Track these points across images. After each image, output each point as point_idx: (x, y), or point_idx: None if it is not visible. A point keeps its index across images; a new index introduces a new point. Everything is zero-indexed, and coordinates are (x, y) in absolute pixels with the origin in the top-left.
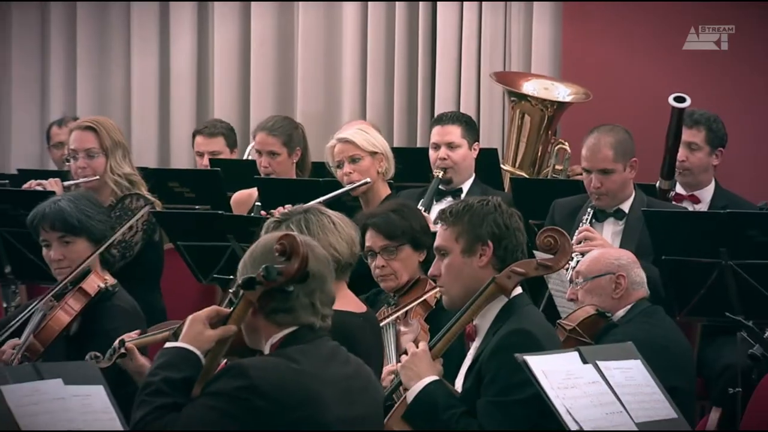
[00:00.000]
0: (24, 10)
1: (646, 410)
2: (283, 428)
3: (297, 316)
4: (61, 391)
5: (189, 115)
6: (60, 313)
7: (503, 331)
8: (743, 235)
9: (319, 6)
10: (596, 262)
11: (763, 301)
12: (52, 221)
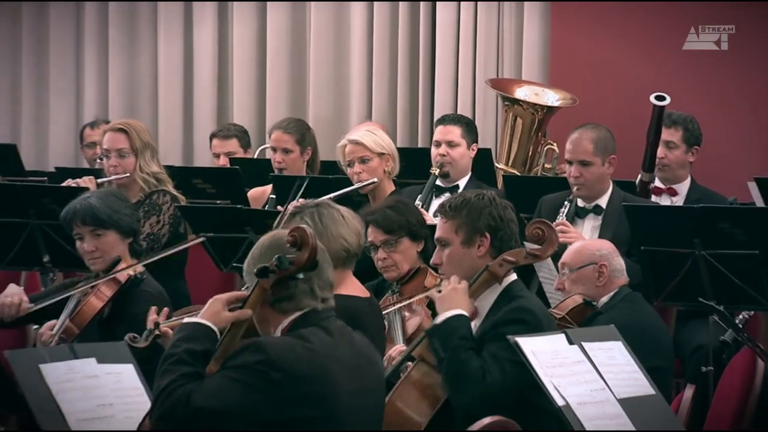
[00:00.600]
0: (60, 22)
1: (627, 387)
2: (297, 400)
3: (299, 302)
4: (95, 369)
5: (210, 118)
6: (93, 298)
7: (510, 310)
8: (715, 227)
9: (329, 19)
10: (580, 254)
11: (733, 288)
12: (83, 216)
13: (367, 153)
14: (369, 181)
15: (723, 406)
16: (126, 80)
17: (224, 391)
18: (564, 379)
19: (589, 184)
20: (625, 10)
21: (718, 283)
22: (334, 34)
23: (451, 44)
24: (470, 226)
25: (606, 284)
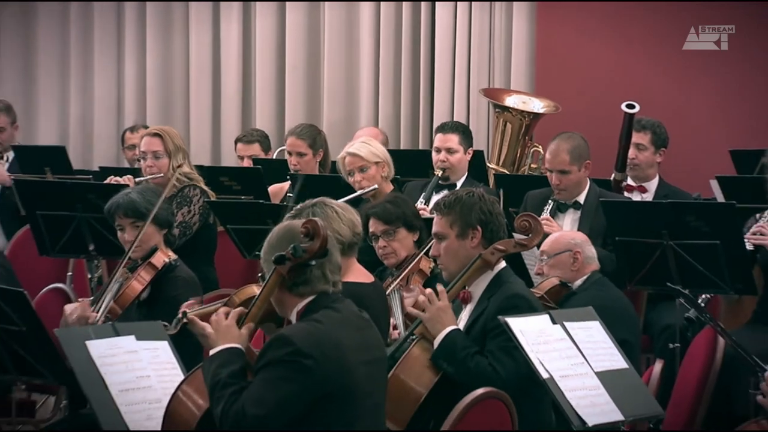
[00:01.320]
0: (104, 37)
1: (603, 362)
2: (325, 377)
3: (313, 286)
4: (134, 345)
5: (236, 124)
6: (134, 283)
7: (501, 295)
8: (681, 220)
9: (341, 36)
10: (557, 242)
11: (697, 274)
12: (125, 210)
13: (364, 163)
14: (370, 188)
15: (688, 377)
16: (161, 89)
17: (268, 392)
18: (548, 355)
19: (568, 188)
20: (618, 10)
21: (683, 270)
22: (346, 49)
23: (448, 59)
24: (463, 220)
25: (579, 269)
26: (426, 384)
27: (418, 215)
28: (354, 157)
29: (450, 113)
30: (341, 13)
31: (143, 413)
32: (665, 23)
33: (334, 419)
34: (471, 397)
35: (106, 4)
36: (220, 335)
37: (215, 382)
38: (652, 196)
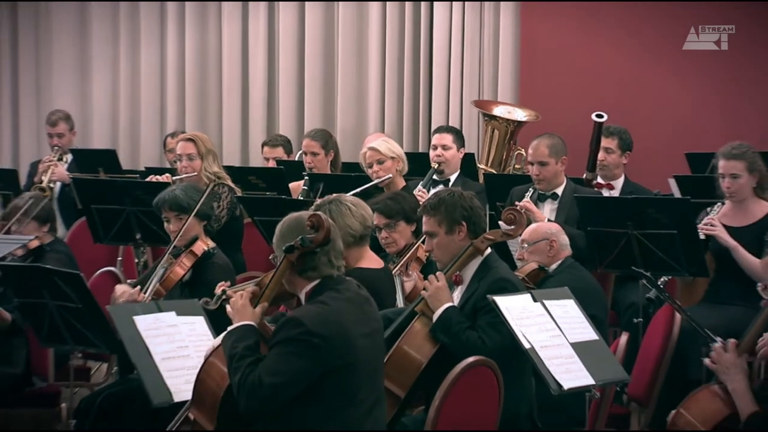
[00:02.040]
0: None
1: (577, 334)
2: (331, 353)
3: (320, 271)
4: (175, 320)
5: (261, 130)
6: (177, 268)
7: (490, 278)
8: (644, 213)
9: (353, 56)
10: (535, 232)
11: (657, 259)
12: (170, 204)
13: (381, 156)
14: (385, 177)
15: (649, 347)
16: (198, 100)
17: (282, 365)
18: (529, 328)
19: (546, 179)
20: (596, 10)
21: (646, 255)
22: (356, 66)
23: (444, 76)
24: (449, 218)
25: (555, 255)
26: (426, 354)
27: (416, 209)
28: (373, 151)
29: (446, 120)
30: (353, 36)
31: (182, 378)
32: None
33: (338, 386)
34: (463, 364)
35: (152, 23)
36: (236, 313)
37: (232, 355)
38: (618, 192)
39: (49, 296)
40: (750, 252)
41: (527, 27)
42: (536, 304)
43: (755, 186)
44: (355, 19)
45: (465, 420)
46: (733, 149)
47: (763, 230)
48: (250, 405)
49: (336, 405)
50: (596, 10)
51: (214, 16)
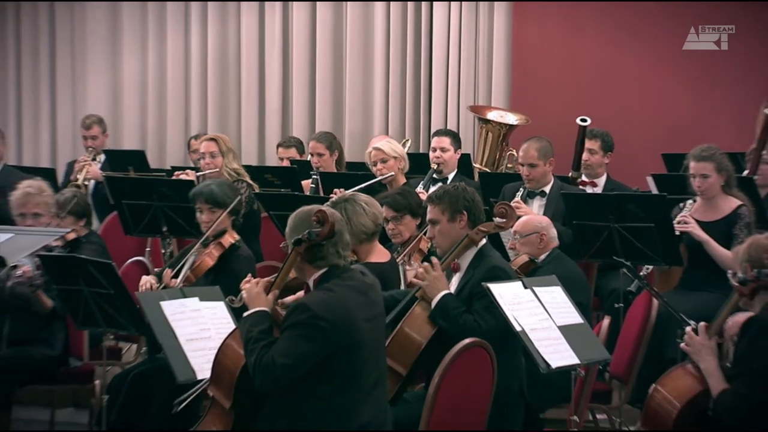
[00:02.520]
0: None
1: (563, 318)
2: (337, 335)
3: (328, 260)
4: (198, 305)
5: (277, 133)
6: (206, 258)
7: (485, 267)
8: (624, 208)
9: (360, 66)
10: (527, 225)
11: (636, 250)
12: (205, 197)
13: (385, 155)
14: (388, 174)
15: (629, 330)
16: (219, 106)
17: (293, 347)
18: (520, 312)
19: (535, 179)
20: (580, 11)
21: (626, 246)
22: (363, 75)
23: (442, 83)
24: (452, 208)
25: (544, 247)
26: (425, 335)
27: (420, 204)
28: (378, 151)
29: (444, 124)
30: (360, 47)
31: (204, 357)
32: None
33: (343, 365)
34: (460, 345)
35: (178, 31)
36: (251, 301)
37: (248, 338)
38: (601, 189)
39: (84, 283)
40: (720, 243)
41: (518, 32)
42: (527, 290)
43: (723, 184)
44: (361, 31)
45: (462, 395)
46: (702, 151)
47: (731, 224)
48: (264, 383)
49: (341, 383)
50: (583, 20)
51: (233, 20)
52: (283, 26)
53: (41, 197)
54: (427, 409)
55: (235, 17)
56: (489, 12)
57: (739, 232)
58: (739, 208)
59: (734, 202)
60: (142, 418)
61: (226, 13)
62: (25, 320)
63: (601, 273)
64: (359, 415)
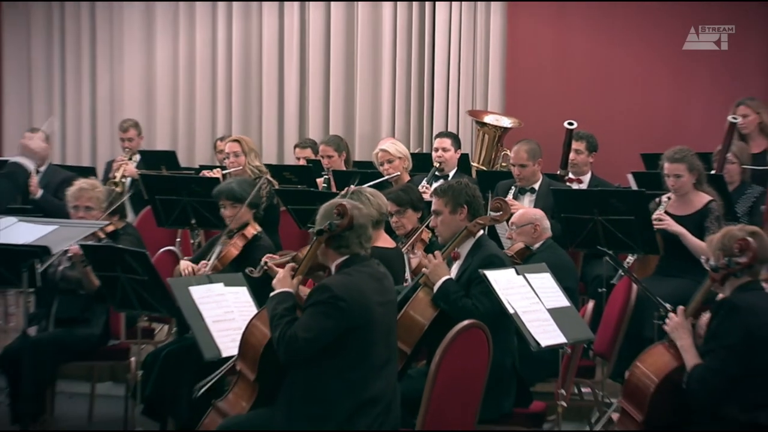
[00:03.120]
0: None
1: (552, 301)
2: (353, 314)
3: (350, 248)
4: (223, 290)
5: (294, 135)
6: (231, 248)
7: (482, 254)
8: (607, 202)
9: (370, 74)
10: (523, 217)
11: (617, 240)
12: (226, 194)
13: (391, 156)
14: (394, 174)
15: (611, 312)
16: (243, 110)
17: (314, 323)
18: (513, 297)
19: (525, 177)
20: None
21: (608, 237)
22: (372, 83)
23: (443, 90)
24: (454, 201)
25: (538, 237)
26: (428, 317)
27: (421, 200)
28: (384, 152)
29: (445, 127)
30: (370, 56)
31: (229, 337)
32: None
33: (357, 342)
34: (460, 326)
35: (206, 49)
36: (278, 283)
37: (274, 315)
38: (586, 185)
39: (121, 270)
40: (693, 235)
41: (512, 42)
42: (519, 276)
43: (695, 182)
44: (370, 42)
45: (460, 371)
46: (675, 153)
47: (702, 218)
48: (287, 354)
49: (354, 358)
50: (573, 30)
51: (256, 22)
52: (301, 28)
53: (93, 192)
54: (429, 383)
55: (257, 19)
56: (485, 21)
57: (710, 225)
58: (710, 203)
59: (705, 198)
60: (173, 392)
61: (249, 14)
62: (70, 302)
63: (586, 261)
64: (370, 388)
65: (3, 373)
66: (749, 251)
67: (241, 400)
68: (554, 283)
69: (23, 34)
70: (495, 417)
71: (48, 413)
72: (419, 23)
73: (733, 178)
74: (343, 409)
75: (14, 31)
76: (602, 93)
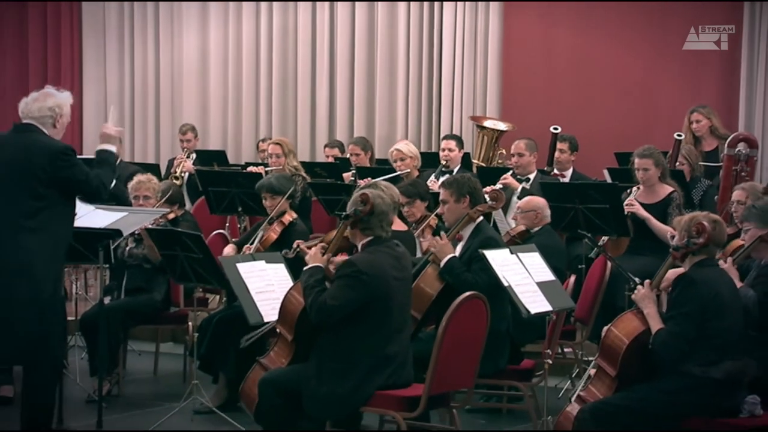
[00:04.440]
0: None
1: (540, 276)
2: (374, 287)
3: (373, 230)
4: (264, 266)
5: (325, 136)
6: (271, 233)
7: (481, 237)
8: (586, 193)
9: (386, 85)
10: (528, 204)
11: (595, 225)
12: (267, 188)
13: (403, 155)
14: (405, 170)
15: (590, 285)
16: (281, 114)
17: (340, 292)
18: (508, 272)
19: (522, 166)
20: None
21: (587, 222)
22: (389, 92)
23: (448, 96)
24: (458, 192)
25: (538, 222)
26: (436, 289)
27: (428, 192)
28: (398, 151)
29: (450, 130)
30: (387, 69)
31: (270, 305)
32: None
33: (376, 311)
34: (462, 297)
35: (251, 62)
36: (311, 259)
37: (307, 285)
38: (569, 179)
39: (180, 250)
40: (658, 220)
41: (507, 52)
42: (512, 255)
43: (660, 175)
44: (386, 50)
45: (463, 334)
46: (644, 151)
47: (666, 205)
48: (318, 318)
49: (374, 324)
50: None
51: (292, 36)
52: (330, 32)
53: (149, 184)
54: (436, 345)
55: (293, 30)
56: (485, 24)
57: (672, 211)
58: (672, 194)
59: (668, 189)
60: (223, 350)
61: (286, 23)
62: (137, 275)
63: (568, 242)
64: (387, 349)
65: (83, 334)
66: (705, 233)
67: (280, 357)
68: (542, 260)
69: (100, 36)
70: (492, 372)
71: (120, 368)
72: (429, 30)
73: (686, 176)
74: (364, 366)
75: (91, 35)
76: (581, 103)
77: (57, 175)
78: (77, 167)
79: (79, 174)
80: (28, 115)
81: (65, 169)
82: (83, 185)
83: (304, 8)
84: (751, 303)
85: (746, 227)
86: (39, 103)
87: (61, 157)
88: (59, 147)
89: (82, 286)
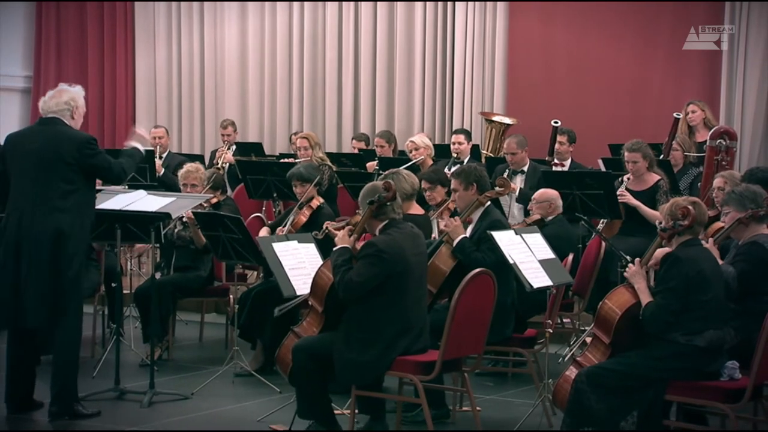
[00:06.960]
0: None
1: (542, 254)
2: (393, 264)
3: (388, 215)
4: (297, 246)
5: (350, 130)
6: (300, 216)
7: (489, 220)
8: (583, 180)
9: (404, 85)
10: (543, 195)
11: (591, 209)
12: (297, 177)
13: (417, 146)
14: (419, 159)
15: (586, 262)
16: (311, 109)
17: (363, 270)
18: (513, 251)
19: (516, 162)
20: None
21: (584, 206)
22: (406, 91)
23: (460, 93)
24: (467, 180)
25: (552, 212)
26: (449, 265)
27: (446, 179)
28: (412, 143)
29: (461, 124)
30: (405, 70)
31: (302, 280)
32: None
33: (396, 285)
34: (473, 273)
35: (284, 63)
36: (339, 240)
37: (335, 264)
38: (567, 168)
39: (222, 231)
40: (647, 206)
41: (513, 50)
42: (517, 236)
43: (647, 166)
44: (405, 52)
45: (473, 307)
46: (633, 145)
47: (654, 192)
48: (345, 293)
49: (394, 297)
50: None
51: (320, 38)
52: (355, 33)
53: (197, 174)
54: (449, 316)
55: (322, 35)
56: (492, 29)
57: (659, 197)
58: (659, 182)
59: (655, 177)
60: (261, 320)
61: (315, 29)
62: (185, 254)
63: None
64: (405, 319)
65: (137, 306)
66: (690, 216)
67: (312, 326)
68: (543, 241)
69: (150, 35)
70: (499, 340)
71: (170, 335)
72: (443, 30)
73: (678, 162)
74: (387, 334)
75: (143, 36)
76: (580, 96)
77: (85, 162)
78: (101, 155)
79: (103, 161)
80: (48, 111)
81: (91, 156)
82: (106, 171)
83: (331, 9)
84: (731, 278)
85: (726, 211)
86: (56, 99)
87: (87, 146)
88: (85, 137)
89: (136, 263)
